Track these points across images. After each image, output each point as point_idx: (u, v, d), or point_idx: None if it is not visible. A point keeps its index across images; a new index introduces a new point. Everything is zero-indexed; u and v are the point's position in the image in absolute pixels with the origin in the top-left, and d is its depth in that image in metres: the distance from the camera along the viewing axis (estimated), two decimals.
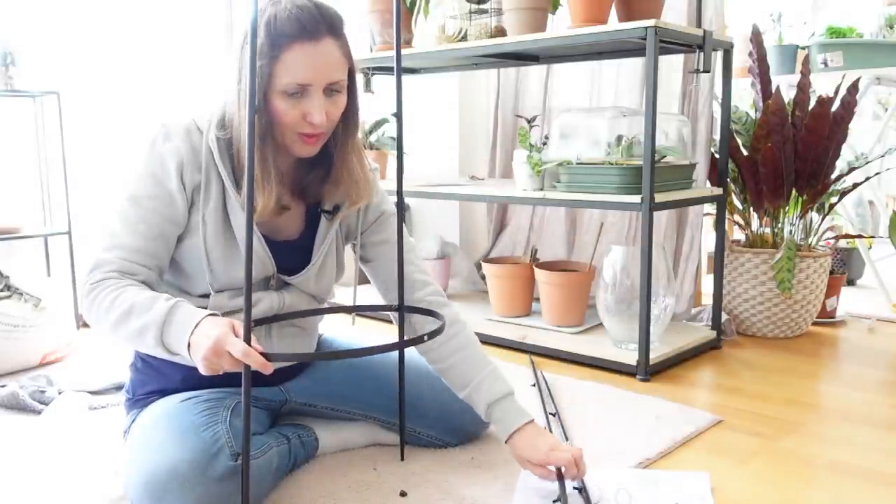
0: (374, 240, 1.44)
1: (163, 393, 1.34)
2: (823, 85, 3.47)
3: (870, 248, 3.11)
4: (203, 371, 1.09)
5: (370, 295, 2.92)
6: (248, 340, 1.04)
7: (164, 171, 1.23)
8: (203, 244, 1.26)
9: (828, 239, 2.77)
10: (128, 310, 1.16)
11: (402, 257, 1.38)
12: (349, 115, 1.30)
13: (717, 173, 2.36)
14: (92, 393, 1.86)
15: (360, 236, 1.43)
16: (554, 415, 1.69)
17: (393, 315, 1.46)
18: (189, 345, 1.11)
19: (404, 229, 1.41)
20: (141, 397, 1.36)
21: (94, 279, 1.20)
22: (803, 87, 2.38)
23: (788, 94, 2.91)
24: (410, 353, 1.48)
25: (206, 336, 1.08)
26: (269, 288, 1.35)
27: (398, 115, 1.33)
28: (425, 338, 1.14)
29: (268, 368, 1.05)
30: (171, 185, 1.23)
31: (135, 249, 1.22)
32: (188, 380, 1.33)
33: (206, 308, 1.28)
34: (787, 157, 2.35)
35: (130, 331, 1.16)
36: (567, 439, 1.55)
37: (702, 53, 2.04)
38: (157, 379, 1.35)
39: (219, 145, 1.25)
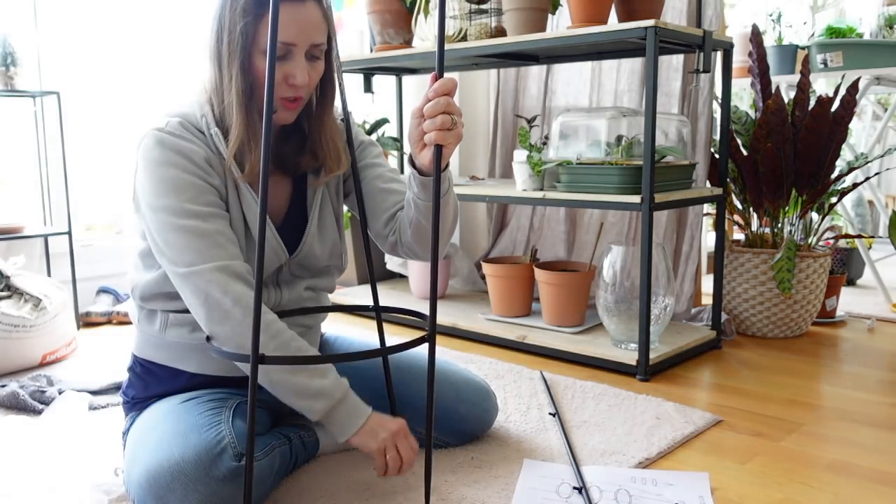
0: (359, 167, 1.43)
1: (163, 396, 1.34)
2: (823, 85, 3.47)
3: (870, 248, 3.11)
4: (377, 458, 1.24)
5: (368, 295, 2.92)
6: (255, 349, 1.02)
7: (196, 166, 1.22)
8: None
9: (828, 239, 2.77)
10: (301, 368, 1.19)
11: (371, 264, 1.37)
12: (327, 81, 1.30)
13: (717, 173, 2.36)
14: (92, 393, 1.86)
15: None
16: (554, 415, 1.69)
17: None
18: (361, 428, 1.22)
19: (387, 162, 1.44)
20: (140, 400, 1.36)
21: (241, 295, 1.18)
22: (803, 87, 2.38)
23: (788, 94, 2.92)
24: (413, 351, 1.47)
25: (383, 428, 1.24)
26: (278, 280, 1.34)
27: (346, 120, 1.34)
28: (423, 337, 1.13)
29: (405, 471, 1.24)
30: (215, 181, 1.23)
31: (232, 254, 1.21)
32: (189, 386, 1.33)
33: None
34: (787, 157, 2.35)
35: (296, 384, 1.19)
36: (567, 439, 1.55)
37: (702, 53, 2.04)
38: (158, 384, 1.35)
39: (220, 128, 1.25)
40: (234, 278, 1.18)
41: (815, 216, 2.53)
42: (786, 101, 2.41)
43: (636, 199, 1.93)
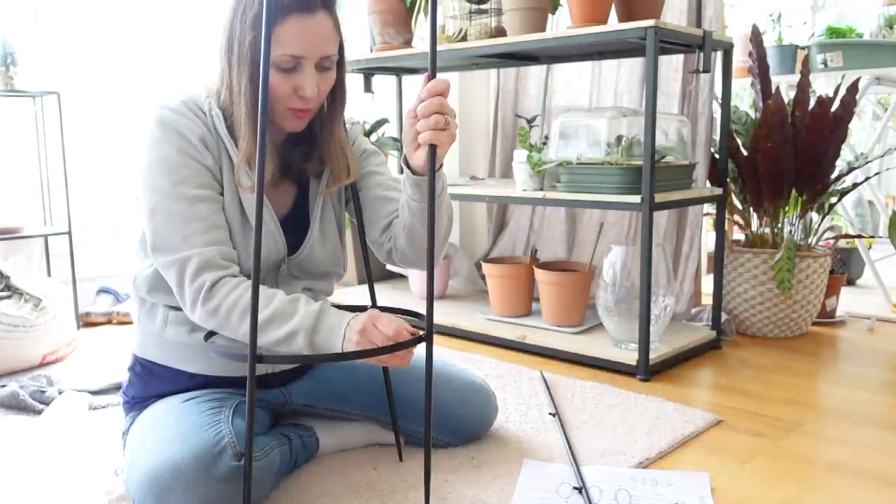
0: (360, 174, 1.42)
1: (163, 396, 1.33)
2: (823, 85, 3.47)
3: (870, 248, 3.11)
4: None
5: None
6: (253, 349, 1.02)
7: (192, 145, 1.21)
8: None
9: (828, 239, 2.77)
10: (269, 317, 1.16)
11: (369, 264, 1.36)
12: (337, 91, 1.29)
13: (717, 173, 2.36)
14: (92, 393, 1.86)
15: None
16: (554, 415, 1.69)
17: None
18: (345, 341, 1.15)
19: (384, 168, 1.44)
20: (140, 400, 1.36)
21: (206, 284, 1.18)
22: (803, 87, 2.38)
23: (788, 94, 2.91)
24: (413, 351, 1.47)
25: (364, 332, 1.15)
26: (276, 278, 1.34)
27: (348, 121, 1.36)
28: (420, 337, 1.13)
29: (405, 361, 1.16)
30: (208, 161, 1.22)
31: (215, 239, 1.20)
32: (189, 385, 1.33)
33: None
34: (786, 157, 2.35)
35: (274, 338, 1.17)
36: (567, 439, 1.55)
37: (702, 53, 2.04)
38: (158, 384, 1.35)
39: (225, 122, 1.24)
40: (208, 268, 1.18)
41: (815, 216, 2.52)
42: (786, 101, 2.41)
43: (636, 199, 1.93)
